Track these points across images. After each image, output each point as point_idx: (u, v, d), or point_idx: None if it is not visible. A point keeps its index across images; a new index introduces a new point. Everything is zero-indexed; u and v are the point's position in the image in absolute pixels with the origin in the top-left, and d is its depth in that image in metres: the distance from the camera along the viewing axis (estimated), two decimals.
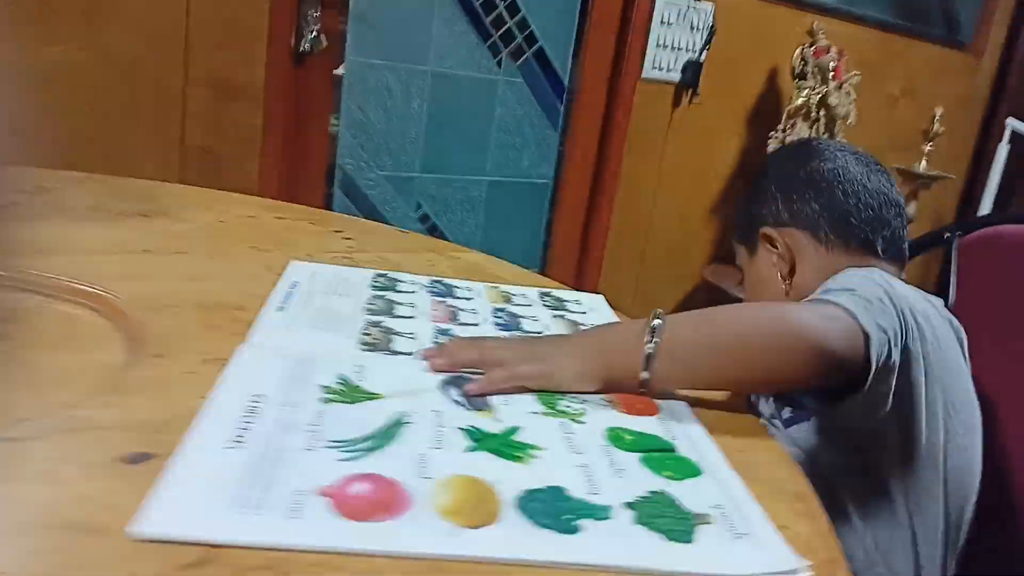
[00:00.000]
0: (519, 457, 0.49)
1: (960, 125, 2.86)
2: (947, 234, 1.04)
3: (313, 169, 1.84)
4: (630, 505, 0.45)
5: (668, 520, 0.44)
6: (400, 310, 0.71)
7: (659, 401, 0.60)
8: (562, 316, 0.77)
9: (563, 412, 0.56)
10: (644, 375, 0.58)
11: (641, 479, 0.48)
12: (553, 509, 0.43)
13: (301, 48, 1.72)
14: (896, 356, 0.65)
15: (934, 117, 2.56)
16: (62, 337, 0.58)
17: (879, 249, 0.84)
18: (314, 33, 1.72)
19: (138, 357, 0.55)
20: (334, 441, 0.46)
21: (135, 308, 0.62)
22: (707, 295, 2.37)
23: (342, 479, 0.43)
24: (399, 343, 0.63)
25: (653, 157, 2.29)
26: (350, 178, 1.91)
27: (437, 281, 0.80)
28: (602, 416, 0.56)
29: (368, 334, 0.64)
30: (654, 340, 0.58)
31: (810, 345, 0.60)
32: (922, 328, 0.69)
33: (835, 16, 2.42)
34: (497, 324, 0.72)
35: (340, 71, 1.83)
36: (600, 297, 0.84)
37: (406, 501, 0.42)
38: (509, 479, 0.45)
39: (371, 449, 0.46)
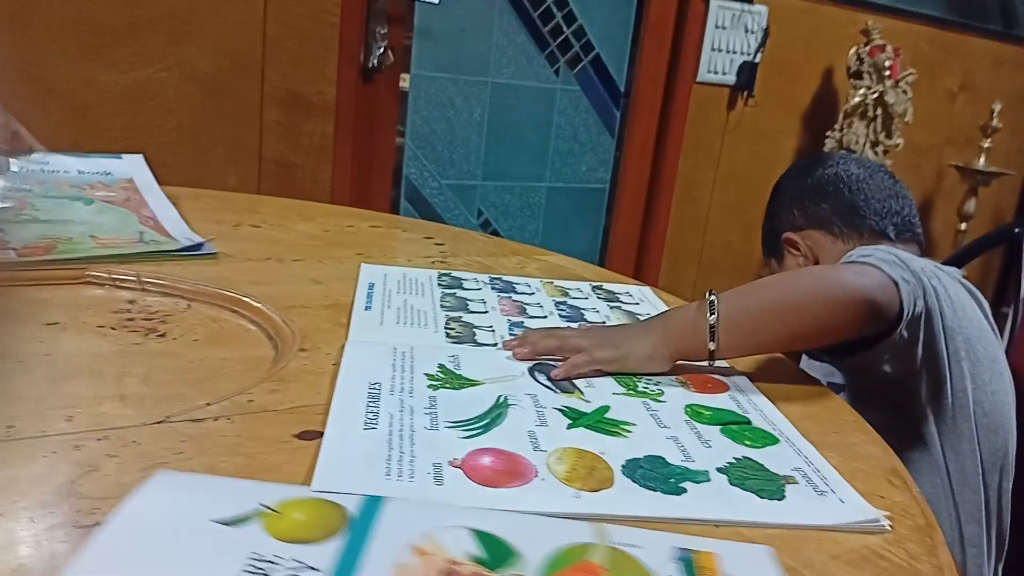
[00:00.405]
0: (616, 432, 0.53)
1: (1020, 120, 2.83)
2: (1016, 229, 1.06)
3: (380, 178, 1.91)
4: (722, 470, 0.50)
5: (758, 481, 0.49)
6: (473, 306, 0.76)
7: (726, 379, 0.65)
8: (619, 307, 0.82)
9: (643, 392, 0.61)
10: (711, 345, 0.63)
11: (726, 448, 0.53)
12: (658, 475, 0.48)
13: (369, 64, 1.79)
14: (920, 305, 0.71)
15: (992, 112, 2.54)
16: (213, 335, 0.64)
17: (891, 234, 0.93)
18: (381, 49, 1.79)
19: (286, 351, 0.61)
20: (452, 422, 0.52)
21: (272, 309, 0.67)
22: None
23: (468, 454, 0.48)
24: (481, 335, 0.69)
25: (710, 159, 2.32)
26: (414, 187, 1.97)
27: (497, 278, 0.86)
28: (678, 395, 0.61)
29: (451, 328, 0.69)
30: (714, 313, 0.63)
31: (854, 296, 0.66)
32: (935, 287, 0.75)
33: (889, 14, 2.42)
34: (562, 316, 0.77)
35: (405, 85, 1.90)
36: (647, 288, 0.89)
37: (531, 470, 0.47)
38: (612, 450, 0.50)
39: (486, 428, 0.52)
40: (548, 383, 0.60)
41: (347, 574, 0.34)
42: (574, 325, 0.74)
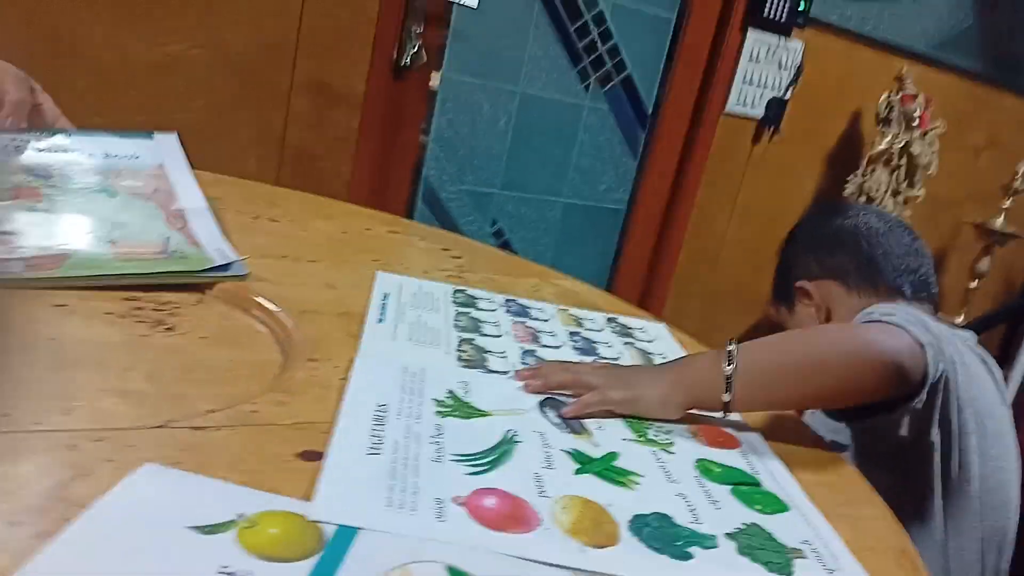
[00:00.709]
0: (623, 483, 0.52)
1: None
2: None
3: (400, 177, 1.90)
4: (730, 536, 0.49)
5: (766, 552, 0.48)
6: (486, 328, 0.75)
7: (738, 435, 0.64)
8: (632, 344, 0.81)
9: (653, 441, 0.60)
10: (726, 397, 0.62)
11: (735, 511, 0.52)
12: (665, 535, 0.47)
13: (402, 62, 1.78)
14: (940, 371, 0.70)
15: (1017, 173, 2.52)
16: (222, 333, 0.63)
17: (907, 292, 0.92)
18: (415, 47, 1.78)
19: (294, 359, 0.60)
20: (458, 455, 0.51)
21: (284, 312, 0.67)
22: (770, 331, 2.37)
23: (473, 492, 0.47)
24: (493, 361, 0.68)
25: (729, 191, 2.31)
26: (432, 189, 1.97)
27: (512, 300, 0.85)
28: (688, 447, 0.60)
29: (463, 351, 0.68)
30: (732, 363, 0.62)
31: (882, 357, 0.65)
32: (951, 355, 0.73)
33: (924, 62, 2.41)
34: (575, 348, 0.76)
35: (434, 84, 1.89)
36: (662, 325, 0.88)
37: (534, 517, 0.46)
38: (618, 503, 0.49)
39: (492, 465, 0.51)
40: (557, 420, 0.59)
41: None
42: (587, 359, 0.73)
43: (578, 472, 0.53)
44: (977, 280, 2.60)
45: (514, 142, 2.01)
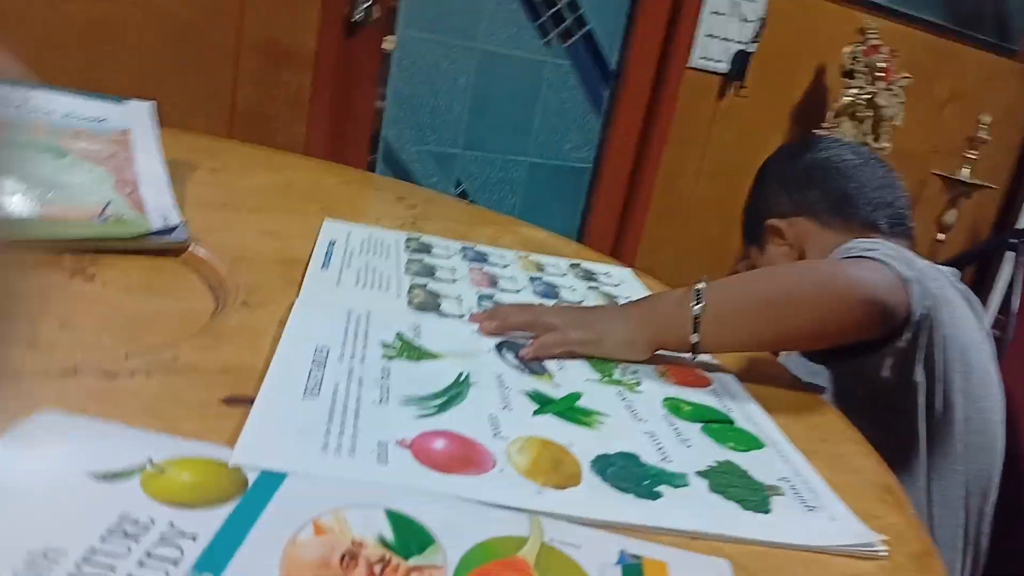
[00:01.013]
0: (586, 422, 0.49)
1: (1007, 135, 2.82)
2: (1012, 240, 1.03)
3: (357, 139, 1.84)
4: (702, 474, 0.46)
5: (741, 490, 0.45)
6: (441, 273, 0.71)
7: (708, 374, 0.60)
8: (596, 288, 0.77)
9: (618, 381, 0.56)
10: (694, 338, 0.58)
11: (707, 449, 0.49)
12: (631, 475, 0.44)
13: (354, 18, 1.71)
14: (924, 308, 0.67)
15: (980, 124, 2.52)
16: (148, 283, 0.58)
17: (883, 227, 0.88)
18: (368, 4, 1.71)
19: (227, 307, 0.55)
20: (405, 397, 0.47)
21: (218, 259, 0.62)
22: None
23: (420, 434, 0.43)
24: (447, 305, 0.64)
25: (695, 148, 2.27)
26: (392, 150, 1.91)
27: (469, 247, 0.80)
28: (656, 386, 0.57)
29: (414, 295, 0.64)
30: (700, 302, 0.58)
31: (862, 295, 0.61)
32: (934, 291, 0.70)
33: (886, 16, 2.38)
34: (536, 293, 0.72)
35: (389, 45, 1.82)
36: (628, 270, 0.84)
37: (488, 459, 0.43)
38: (581, 443, 0.46)
39: (442, 408, 0.47)
40: (516, 362, 0.55)
41: (228, 546, 0.30)
42: (549, 302, 0.69)
43: (537, 413, 0.49)
44: (944, 233, 2.61)
45: (475, 100, 1.95)
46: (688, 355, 0.60)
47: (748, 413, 0.55)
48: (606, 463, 0.44)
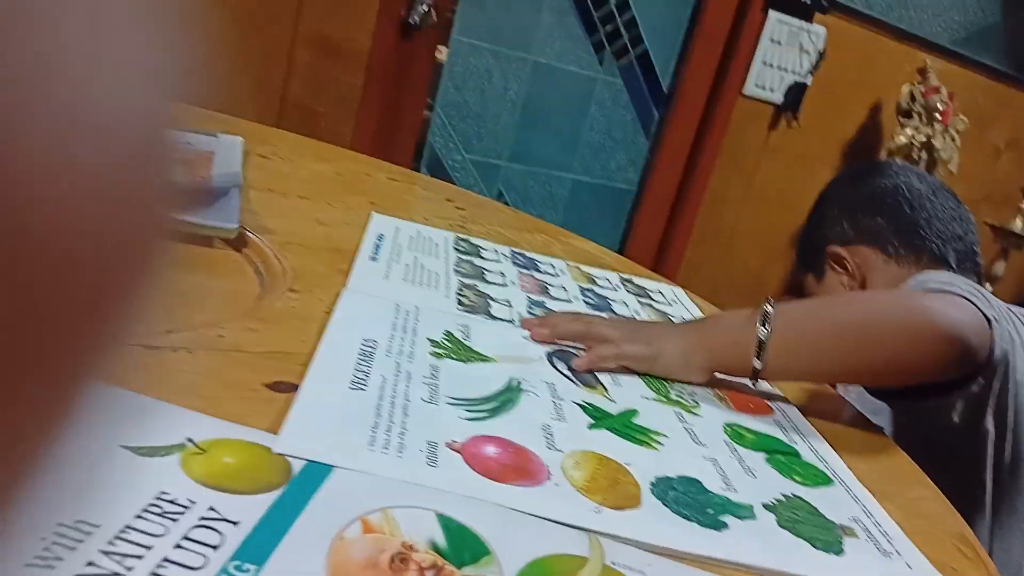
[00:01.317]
0: (644, 441, 0.46)
1: None
2: None
3: (403, 142, 1.83)
4: (769, 507, 0.43)
5: (811, 528, 0.42)
6: (491, 276, 0.69)
7: (770, 403, 0.57)
8: (650, 304, 0.74)
9: (676, 401, 0.53)
10: (756, 364, 0.55)
11: (772, 481, 0.46)
12: (694, 501, 0.41)
13: (410, 20, 1.70)
14: (1002, 351, 0.63)
15: None
16: (191, 259, 0.57)
17: (952, 262, 0.82)
18: (425, 8, 1.71)
19: (273, 290, 0.53)
20: (455, 398, 0.45)
21: (266, 242, 0.60)
22: None
23: (470, 438, 0.41)
24: (497, 308, 0.61)
25: (743, 176, 2.23)
26: (437, 157, 1.89)
27: (519, 253, 0.78)
28: (716, 411, 0.54)
29: (464, 295, 0.62)
30: (767, 326, 0.54)
31: (947, 332, 0.56)
32: (1009, 332, 0.66)
33: (947, 57, 2.33)
34: (588, 303, 0.69)
35: (442, 55, 1.81)
36: (679, 289, 0.81)
37: (542, 470, 0.40)
38: (639, 462, 0.43)
39: (494, 412, 0.45)
40: (568, 373, 0.53)
41: (272, 535, 0.27)
42: (602, 314, 0.66)
43: (593, 427, 0.46)
44: (991, 284, 2.53)
45: (524, 113, 1.94)
46: (746, 381, 0.57)
47: (813, 446, 0.52)
48: (667, 486, 0.42)
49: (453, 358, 0.50)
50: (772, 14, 2.06)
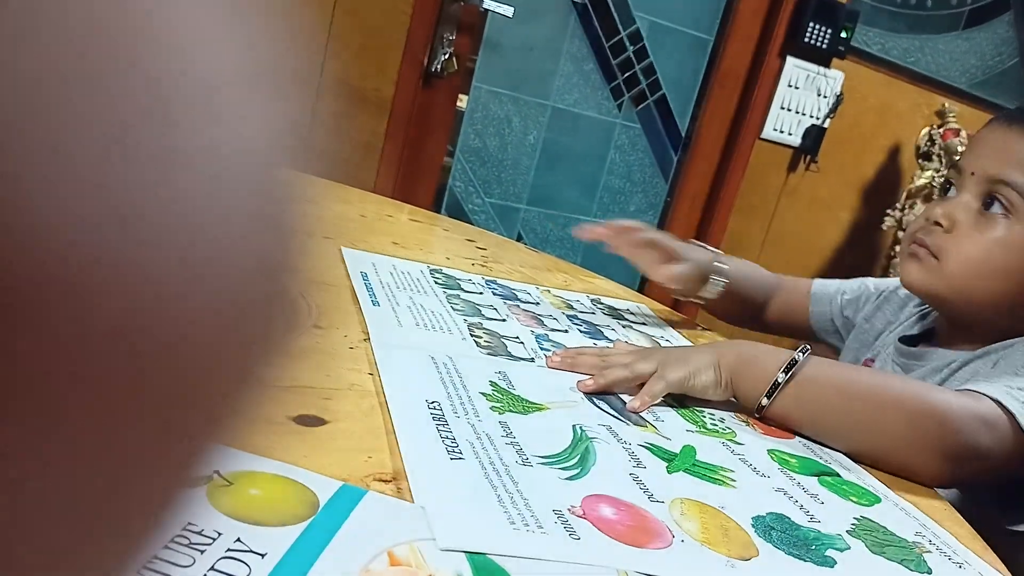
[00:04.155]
0: (720, 480, 0.47)
1: None
2: None
3: (425, 187, 1.85)
4: (852, 534, 0.43)
5: (896, 549, 0.42)
6: (486, 311, 0.69)
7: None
8: (630, 327, 0.77)
9: (714, 431, 0.54)
10: (764, 401, 0.57)
11: (837, 504, 0.47)
12: (796, 539, 0.42)
13: (432, 68, 1.74)
14: None
15: None
16: None
17: None
18: (447, 55, 1.74)
19: (299, 326, 0.53)
20: (542, 457, 0.44)
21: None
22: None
23: (583, 500, 0.40)
24: (513, 347, 0.62)
25: (761, 220, 2.24)
26: (458, 201, 1.91)
27: (492, 281, 0.78)
28: (752, 438, 0.55)
29: (478, 337, 0.62)
30: (790, 372, 0.56)
31: (948, 445, 0.54)
32: None
33: (965, 100, 2.34)
34: (582, 332, 0.71)
35: (462, 103, 1.84)
36: (644, 304, 0.84)
37: (663, 528, 0.40)
38: (730, 504, 0.44)
39: (583, 466, 0.44)
40: (613, 411, 0.53)
41: (299, 568, 0.27)
42: (601, 343, 0.67)
43: (670, 470, 0.46)
44: None
45: (543, 157, 1.96)
46: (747, 411, 0.58)
47: (844, 464, 0.52)
48: (765, 526, 0.42)
49: (513, 411, 0.49)
50: (789, 60, 2.08)
